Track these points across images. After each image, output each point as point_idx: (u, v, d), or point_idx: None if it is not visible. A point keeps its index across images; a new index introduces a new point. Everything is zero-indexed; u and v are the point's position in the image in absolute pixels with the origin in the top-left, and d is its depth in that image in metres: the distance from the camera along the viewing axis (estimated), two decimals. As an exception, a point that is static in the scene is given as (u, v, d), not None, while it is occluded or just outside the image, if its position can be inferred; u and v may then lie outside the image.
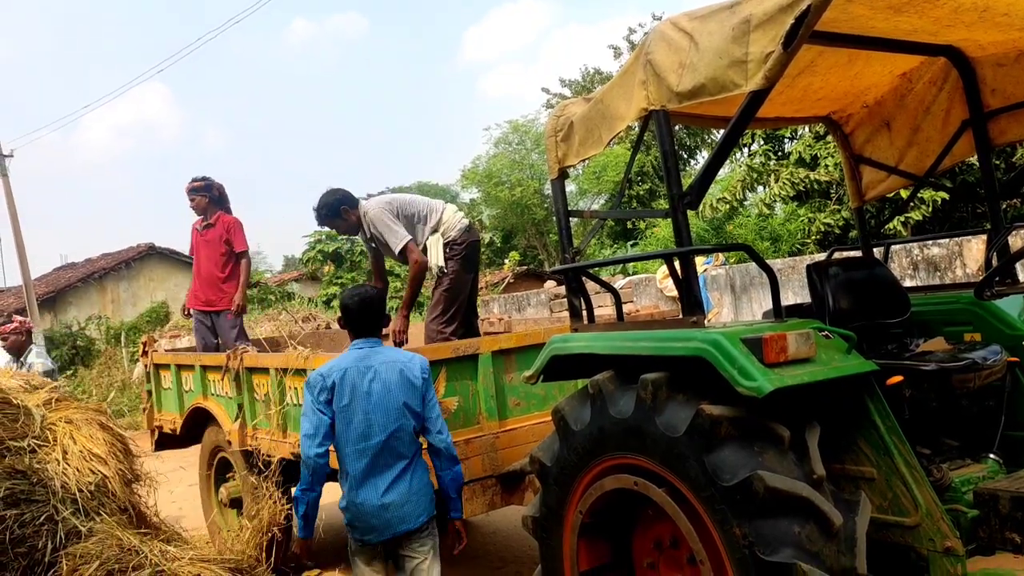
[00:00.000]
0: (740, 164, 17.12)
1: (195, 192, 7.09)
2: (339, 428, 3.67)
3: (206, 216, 7.13)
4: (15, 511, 4.06)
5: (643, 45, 3.31)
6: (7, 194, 22.70)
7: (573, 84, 25.84)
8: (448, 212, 5.75)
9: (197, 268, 7.20)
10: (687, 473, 2.84)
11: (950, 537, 2.82)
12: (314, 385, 3.70)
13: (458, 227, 5.68)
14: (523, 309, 15.27)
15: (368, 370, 3.71)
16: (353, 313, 3.85)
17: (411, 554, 3.75)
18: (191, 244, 7.32)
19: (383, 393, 3.68)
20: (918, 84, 4.14)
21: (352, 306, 3.85)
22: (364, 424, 3.65)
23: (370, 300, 3.88)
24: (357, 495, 3.66)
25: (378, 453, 3.66)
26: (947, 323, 3.82)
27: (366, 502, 3.65)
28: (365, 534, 3.68)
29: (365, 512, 3.65)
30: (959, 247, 9.58)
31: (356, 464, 3.67)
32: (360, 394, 3.66)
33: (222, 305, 7.06)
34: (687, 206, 3.19)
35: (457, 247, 5.63)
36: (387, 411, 3.67)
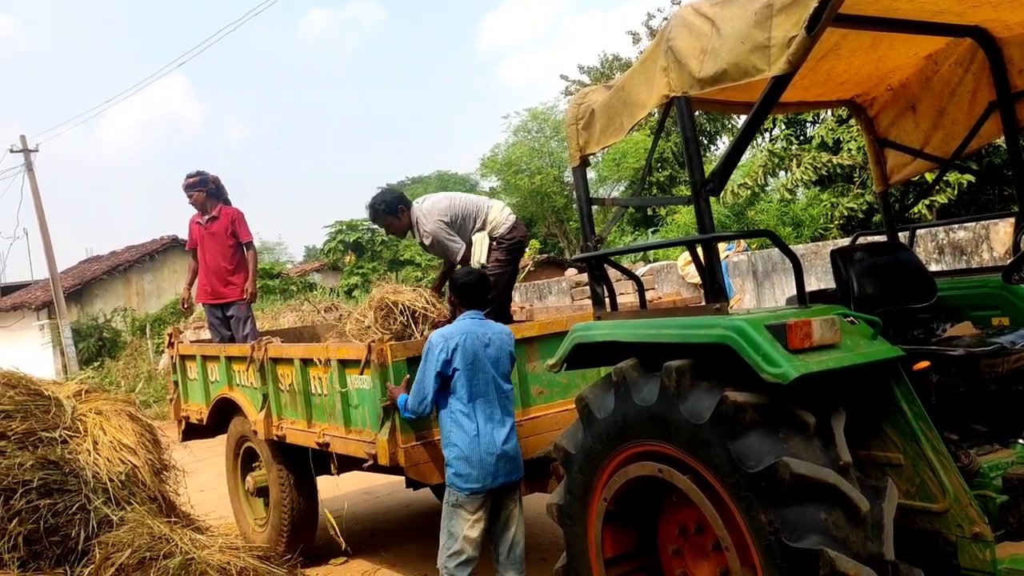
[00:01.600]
0: (761, 149, 16.97)
1: (192, 188, 7.14)
2: (460, 385, 4.12)
3: (207, 210, 7.18)
4: (48, 501, 4.14)
5: (664, 31, 3.29)
6: (33, 189, 23.00)
7: (592, 71, 25.69)
8: (495, 210, 5.76)
9: (203, 262, 7.24)
10: (712, 460, 2.84)
11: (978, 523, 2.80)
12: (436, 345, 4.13)
13: (506, 224, 5.69)
14: (544, 297, 15.26)
15: (485, 336, 4.23)
16: (467, 288, 4.38)
17: (510, 502, 4.30)
18: (191, 238, 7.38)
19: (498, 357, 4.25)
20: (944, 66, 4.08)
21: (466, 283, 4.39)
22: (485, 382, 4.17)
23: (480, 278, 4.51)
24: (480, 444, 4.09)
25: (496, 409, 4.19)
26: (974, 307, 3.79)
27: (489, 451, 4.10)
28: (482, 481, 4.09)
29: (487, 460, 4.09)
30: (986, 231, 9.45)
31: (479, 417, 4.13)
32: (481, 356, 4.17)
33: (233, 296, 7.13)
34: (709, 192, 3.17)
35: (504, 241, 5.66)
36: (502, 374, 4.26)
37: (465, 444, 4.10)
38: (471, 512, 4.15)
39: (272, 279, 24.92)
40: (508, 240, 5.66)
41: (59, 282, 23.34)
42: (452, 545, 4.15)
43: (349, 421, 4.94)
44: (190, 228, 7.39)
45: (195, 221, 7.31)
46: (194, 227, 7.32)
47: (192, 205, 7.24)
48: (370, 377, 4.60)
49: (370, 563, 6.01)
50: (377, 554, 6.22)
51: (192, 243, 7.40)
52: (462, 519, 4.15)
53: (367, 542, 6.59)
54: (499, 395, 4.22)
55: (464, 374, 4.11)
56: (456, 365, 4.11)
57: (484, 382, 4.16)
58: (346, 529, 6.51)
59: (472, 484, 4.09)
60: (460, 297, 4.42)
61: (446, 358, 4.11)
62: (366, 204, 5.84)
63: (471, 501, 4.13)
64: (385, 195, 5.79)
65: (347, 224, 30.53)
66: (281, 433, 5.54)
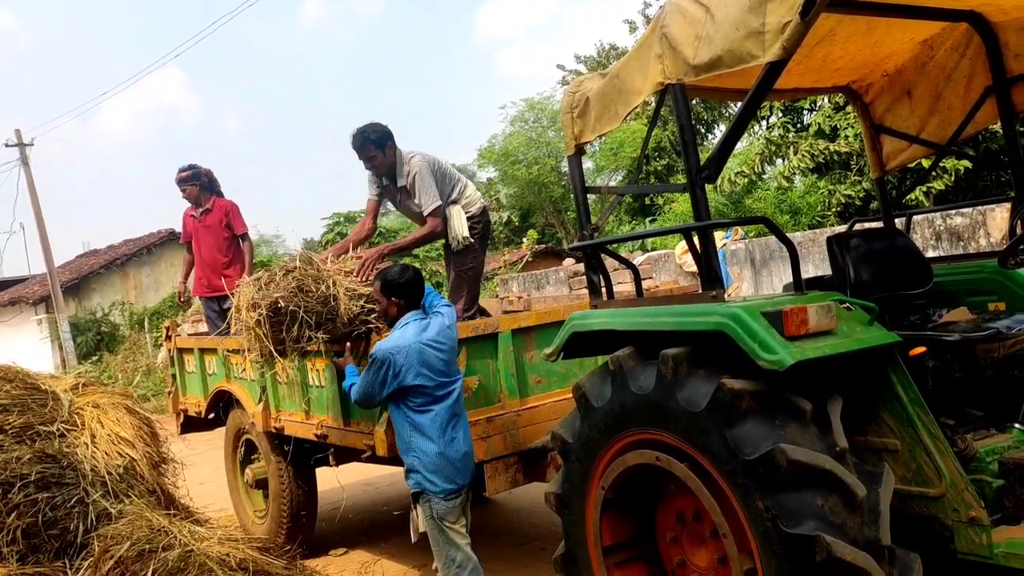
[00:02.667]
0: (758, 137, 16.95)
1: (185, 182, 7.12)
2: (415, 395, 3.95)
3: (200, 203, 7.16)
4: (47, 494, 4.14)
5: (658, 18, 3.27)
6: (29, 183, 22.95)
7: (588, 60, 25.66)
8: (471, 188, 5.72)
9: (199, 255, 7.24)
10: (709, 447, 2.85)
11: (975, 507, 2.81)
12: (382, 363, 3.93)
13: (478, 204, 5.66)
14: (542, 287, 15.26)
15: (432, 338, 4.02)
16: (408, 287, 4.14)
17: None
18: (186, 231, 7.36)
19: (448, 357, 4.07)
20: (939, 51, 4.07)
21: (407, 282, 4.14)
22: (441, 386, 4.01)
23: (416, 274, 4.23)
24: (448, 450, 3.99)
25: (454, 407, 4.07)
26: (970, 293, 3.79)
27: (457, 451, 4.02)
28: (454, 480, 4.01)
29: (454, 459, 4.00)
30: (982, 216, 9.45)
31: (441, 423, 3.99)
32: (434, 361, 3.98)
33: (229, 288, 7.12)
34: (705, 180, 3.17)
35: (476, 225, 5.59)
36: (452, 370, 4.11)
37: (432, 452, 3.98)
38: (454, 520, 4.06)
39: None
40: (479, 223, 5.60)
41: (56, 276, 23.31)
42: (455, 555, 4.05)
43: (347, 413, 4.94)
44: (184, 221, 7.38)
45: (188, 214, 7.29)
46: (188, 220, 7.30)
47: (185, 199, 7.22)
48: (367, 368, 4.59)
49: (370, 554, 6.03)
50: (377, 545, 6.23)
51: (186, 236, 7.38)
52: (449, 530, 4.04)
53: (367, 533, 6.61)
54: (457, 391, 4.10)
55: (418, 386, 3.95)
56: (407, 382, 3.93)
57: (440, 386, 4.02)
58: (345, 520, 6.54)
59: (448, 484, 3.99)
60: (401, 297, 4.13)
61: (395, 376, 3.93)
62: (353, 132, 5.45)
63: (451, 510, 4.03)
64: (378, 126, 5.48)
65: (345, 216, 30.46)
66: (279, 425, 5.55)
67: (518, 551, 5.64)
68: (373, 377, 3.95)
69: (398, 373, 3.91)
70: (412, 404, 3.97)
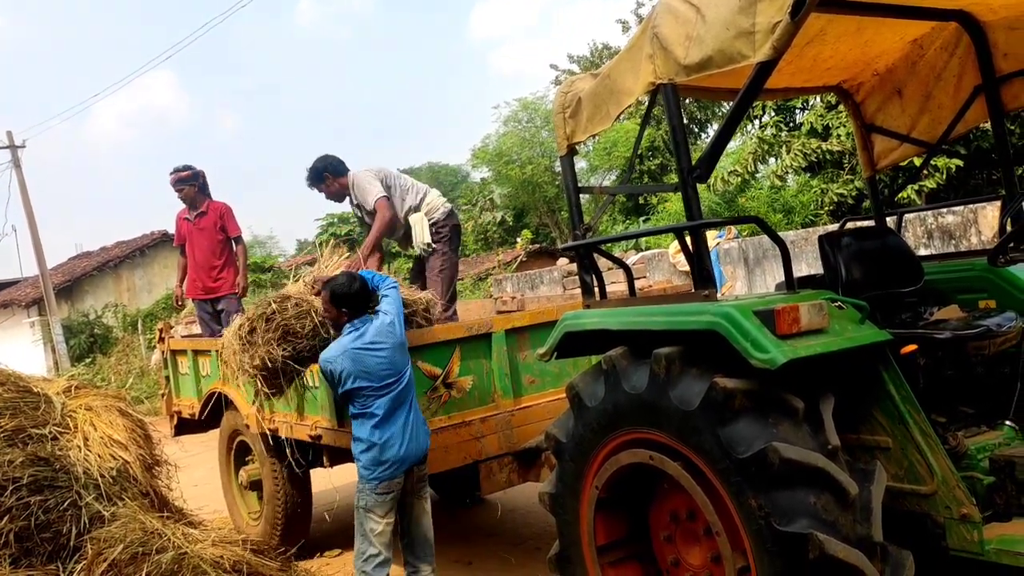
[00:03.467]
0: (751, 136, 16.98)
1: (183, 183, 7.10)
2: (361, 398, 4.08)
3: (195, 205, 7.14)
4: (39, 497, 4.12)
5: (650, 18, 3.28)
6: (21, 185, 22.87)
7: (581, 60, 25.65)
8: (432, 195, 5.87)
9: (193, 257, 7.22)
10: (702, 446, 2.86)
11: (966, 504, 2.83)
12: (324, 372, 4.14)
13: (441, 209, 5.78)
14: (536, 287, 15.27)
15: (369, 341, 4.12)
16: (353, 298, 4.23)
17: (417, 499, 4.32)
18: (179, 234, 7.34)
19: (392, 351, 4.15)
20: (929, 50, 4.09)
21: (350, 294, 4.22)
22: (385, 386, 4.09)
23: (362, 284, 4.30)
24: (392, 444, 4.08)
25: (398, 398, 4.14)
26: (961, 291, 3.80)
27: (392, 437, 4.09)
28: (392, 467, 4.09)
29: (391, 445, 4.08)
30: (973, 214, 9.49)
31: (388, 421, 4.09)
32: (372, 364, 4.07)
33: (223, 291, 7.13)
34: (697, 179, 3.18)
35: (443, 229, 5.73)
36: (397, 365, 4.16)
37: (369, 442, 4.10)
38: (382, 515, 4.15)
39: (264, 273, 24.86)
40: (444, 228, 5.73)
41: (49, 279, 23.22)
42: (367, 549, 4.16)
43: (340, 414, 4.93)
44: (177, 224, 7.35)
45: (182, 217, 7.27)
46: (182, 223, 7.28)
47: (182, 200, 7.20)
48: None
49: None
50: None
51: (180, 239, 7.36)
52: (373, 520, 4.15)
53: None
54: (399, 386, 4.16)
55: (361, 390, 4.08)
56: (347, 386, 4.07)
57: (383, 386, 4.11)
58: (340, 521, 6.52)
59: (382, 473, 4.09)
60: (346, 306, 4.22)
61: (337, 383, 4.10)
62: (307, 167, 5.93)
63: (381, 503, 4.13)
64: (315, 162, 5.94)
65: (338, 217, 30.45)
66: (273, 427, 5.54)
67: (513, 551, 5.64)
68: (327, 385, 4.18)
69: (337, 380, 4.08)
70: (357, 401, 4.12)
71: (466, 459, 4.64)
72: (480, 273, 21.27)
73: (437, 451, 4.56)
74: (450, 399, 4.69)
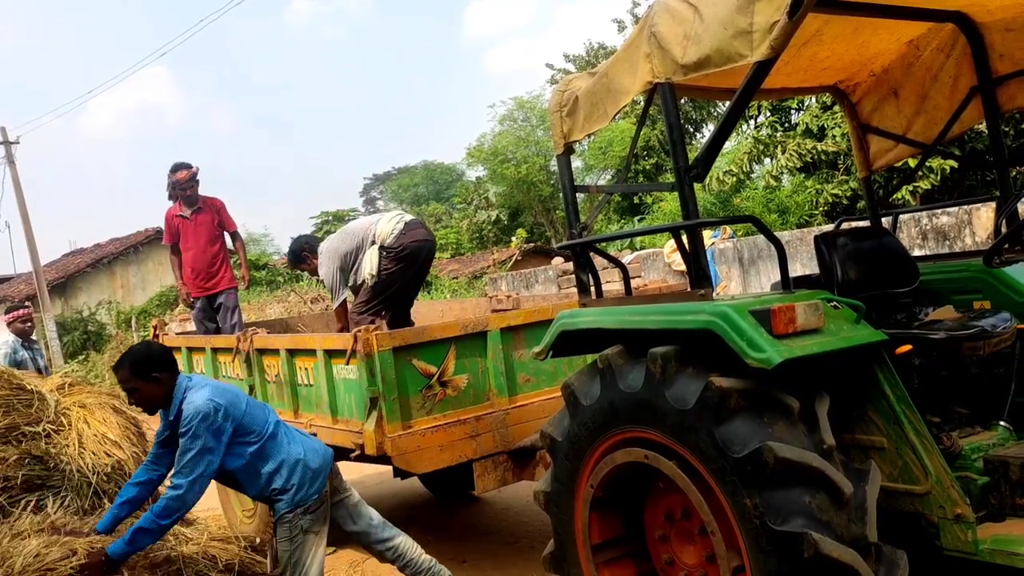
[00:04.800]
0: (747, 136, 17.00)
1: (192, 181, 7.08)
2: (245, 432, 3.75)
3: (193, 201, 7.13)
4: (32, 496, 4.10)
5: (647, 17, 3.28)
6: (14, 181, 22.78)
7: (578, 59, 25.65)
8: (383, 223, 5.97)
9: (189, 254, 7.19)
10: (697, 445, 2.86)
11: (960, 504, 2.83)
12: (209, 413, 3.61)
13: (393, 234, 5.86)
14: (531, 286, 15.27)
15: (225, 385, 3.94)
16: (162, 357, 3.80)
17: (344, 494, 4.09)
18: (171, 231, 7.28)
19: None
20: (925, 51, 4.10)
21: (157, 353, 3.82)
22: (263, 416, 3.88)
23: (152, 349, 3.90)
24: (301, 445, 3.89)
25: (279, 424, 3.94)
26: (956, 291, 3.81)
27: (308, 443, 3.95)
28: (319, 478, 3.86)
29: (308, 455, 3.86)
30: (968, 215, 9.51)
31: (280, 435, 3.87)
32: (243, 400, 3.85)
33: (222, 286, 7.14)
34: (693, 179, 3.18)
35: (393, 250, 5.83)
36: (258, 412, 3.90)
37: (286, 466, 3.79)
38: (316, 534, 3.85)
39: (259, 270, 24.84)
40: (395, 249, 5.83)
41: (43, 275, 23.14)
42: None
43: (336, 411, 4.93)
44: (169, 222, 7.28)
45: (175, 214, 7.22)
46: (174, 220, 7.22)
47: (185, 198, 7.14)
48: (356, 367, 4.59)
49: (359, 553, 6.01)
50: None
51: (172, 237, 7.30)
52: (309, 548, 3.81)
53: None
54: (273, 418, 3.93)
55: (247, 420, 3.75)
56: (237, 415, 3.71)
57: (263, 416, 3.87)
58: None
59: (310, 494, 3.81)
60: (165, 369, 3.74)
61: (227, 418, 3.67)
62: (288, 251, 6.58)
63: (313, 523, 3.82)
64: (292, 245, 6.48)
65: (333, 215, 30.42)
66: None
67: (507, 549, 5.64)
68: (205, 436, 3.59)
69: (225, 413, 3.65)
70: (248, 439, 3.76)
71: (461, 457, 4.64)
72: (475, 272, 21.26)
73: (432, 449, 4.56)
74: (445, 397, 4.68)
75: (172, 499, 3.56)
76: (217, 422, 3.62)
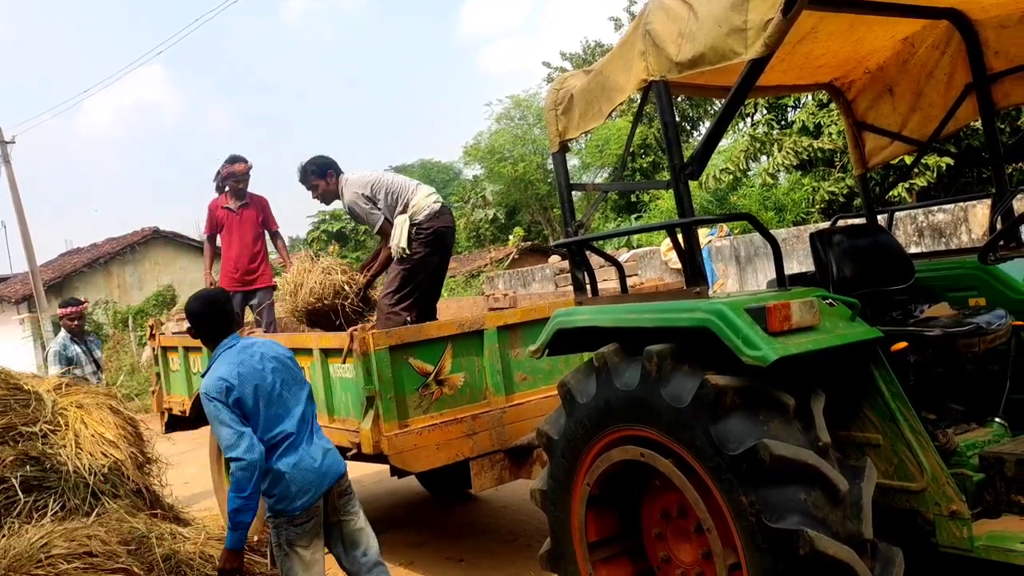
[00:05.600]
0: (743, 134, 17.01)
1: (247, 174, 7.04)
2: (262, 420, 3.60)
3: (242, 195, 7.11)
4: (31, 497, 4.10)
5: (642, 15, 3.28)
6: (10, 181, 22.73)
7: (574, 57, 25.60)
8: (420, 195, 5.67)
9: (230, 247, 7.12)
10: (693, 443, 2.86)
11: (956, 501, 2.84)
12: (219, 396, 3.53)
13: (427, 211, 5.59)
14: (528, 284, 15.26)
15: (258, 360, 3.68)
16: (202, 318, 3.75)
17: (345, 516, 3.80)
18: (215, 222, 7.18)
19: (284, 374, 3.73)
20: (920, 48, 4.10)
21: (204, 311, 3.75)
22: (284, 408, 3.68)
23: (211, 302, 3.81)
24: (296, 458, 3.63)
25: (301, 420, 3.72)
26: (951, 288, 3.82)
27: (304, 458, 3.64)
28: (307, 495, 3.61)
29: (305, 468, 3.62)
30: (964, 212, 9.53)
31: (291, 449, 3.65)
32: (267, 384, 3.64)
33: (260, 283, 7.16)
34: (688, 176, 3.18)
35: (423, 231, 5.57)
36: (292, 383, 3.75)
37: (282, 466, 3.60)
38: (305, 547, 3.65)
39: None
40: (425, 230, 5.57)
41: (39, 275, 23.09)
42: None
43: (332, 410, 4.93)
44: (214, 212, 7.18)
45: (221, 206, 7.15)
46: (220, 212, 7.16)
47: (237, 191, 7.10)
48: (352, 366, 4.59)
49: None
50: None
51: (214, 227, 7.20)
52: (298, 554, 3.64)
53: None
54: (301, 405, 3.75)
55: (257, 416, 3.58)
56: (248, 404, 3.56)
57: (282, 408, 3.67)
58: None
59: (299, 504, 3.61)
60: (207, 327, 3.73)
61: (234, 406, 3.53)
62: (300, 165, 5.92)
63: (301, 535, 3.63)
64: (304, 164, 5.91)
65: (330, 214, 30.38)
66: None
67: (504, 548, 5.65)
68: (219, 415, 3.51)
69: (236, 400, 3.54)
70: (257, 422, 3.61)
71: (458, 456, 4.64)
72: (472, 270, 21.24)
73: (429, 448, 4.56)
74: (441, 396, 4.68)
75: (237, 472, 3.47)
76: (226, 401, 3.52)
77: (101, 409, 4.87)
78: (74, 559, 3.42)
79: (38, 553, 3.40)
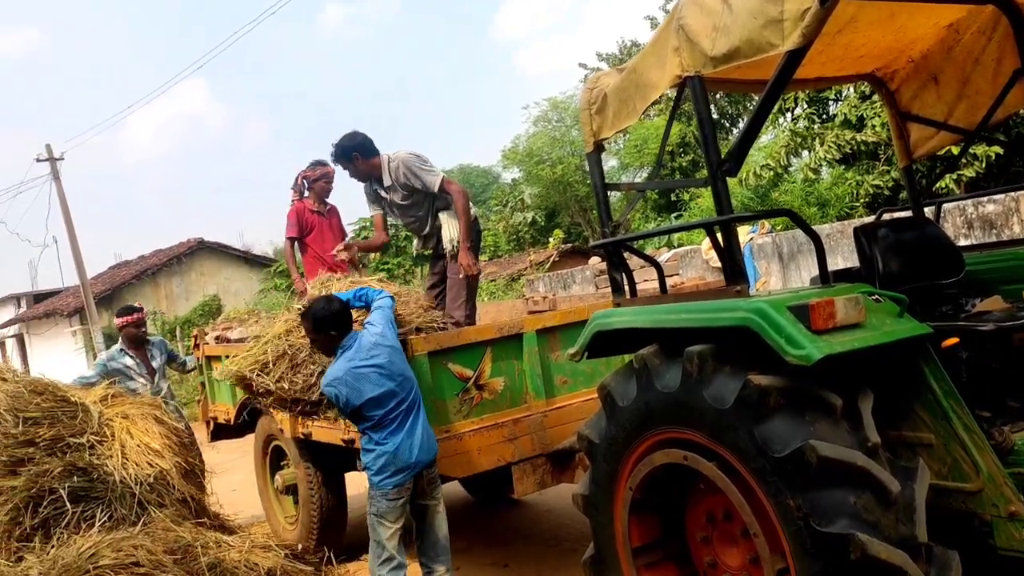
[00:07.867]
0: (783, 129, 16.74)
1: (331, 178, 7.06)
2: (367, 415, 4.12)
3: (326, 200, 7.15)
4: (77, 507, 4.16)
5: (675, 10, 3.23)
6: (60, 196, 23.29)
7: (611, 58, 25.51)
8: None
9: (321, 251, 6.99)
10: (737, 445, 2.80)
11: (1014, 501, 2.73)
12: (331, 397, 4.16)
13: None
14: (568, 287, 15.21)
15: (365, 356, 4.15)
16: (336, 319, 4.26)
17: (431, 500, 4.40)
18: (303, 224, 7.06)
19: (389, 362, 4.18)
20: (966, 35, 3.98)
21: (332, 314, 4.26)
22: (387, 397, 4.12)
23: (343, 304, 4.37)
24: (396, 439, 4.13)
25: (402, 404, 4.17)
26: (1004, 281, 3.69)
27: (401, 443, 4.13)
28: (401, 474, 4.13)
29: (401, 451, 4.12)
30: (1016, 203, 9.26)
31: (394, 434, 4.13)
32: (372, 377, 4.11)
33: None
34: (726, 173, 3.11)
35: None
36: (395, 374, 4.18)
37: (387, 455, 4.13)
38: (393, 520, 4.22)
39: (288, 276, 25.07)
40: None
41: (90, 288, 23.63)
42: (382, 553, 4.25)
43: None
44: (301, 215, 7.05)
45: (310, 209, 7.07)
46: (308, 215, 7.05)
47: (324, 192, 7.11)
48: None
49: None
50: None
51: (299, 230, 7.05)
52: (385, 526, 4.21)
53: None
54: (404, 395, 4.20)
55: (365, 403, 4.10)
56: (355, 405, 4.10)
57: (387, 395, 4.15)
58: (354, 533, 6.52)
59: (393, 482, 4.14)
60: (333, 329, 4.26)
61: (345, 404, 4.12)
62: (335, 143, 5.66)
63: (392, 509, 4.19)
64: (344, 140, 5.65)
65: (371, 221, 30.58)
66: (307, 431, 5.55)
67: (549, 552, 5.61)
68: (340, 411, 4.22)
69: (343, 402, 4.10)
70: (364, 415, 4.13)
71: (499, 461, 4.61)
72: (513, 274, 21.23)
73: (470, 453, 4.54)
74: (482, 401, 4.66)
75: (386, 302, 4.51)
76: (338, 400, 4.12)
77: (146, 419, 4.94)
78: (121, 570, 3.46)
79: (86, 564, 3.45)
